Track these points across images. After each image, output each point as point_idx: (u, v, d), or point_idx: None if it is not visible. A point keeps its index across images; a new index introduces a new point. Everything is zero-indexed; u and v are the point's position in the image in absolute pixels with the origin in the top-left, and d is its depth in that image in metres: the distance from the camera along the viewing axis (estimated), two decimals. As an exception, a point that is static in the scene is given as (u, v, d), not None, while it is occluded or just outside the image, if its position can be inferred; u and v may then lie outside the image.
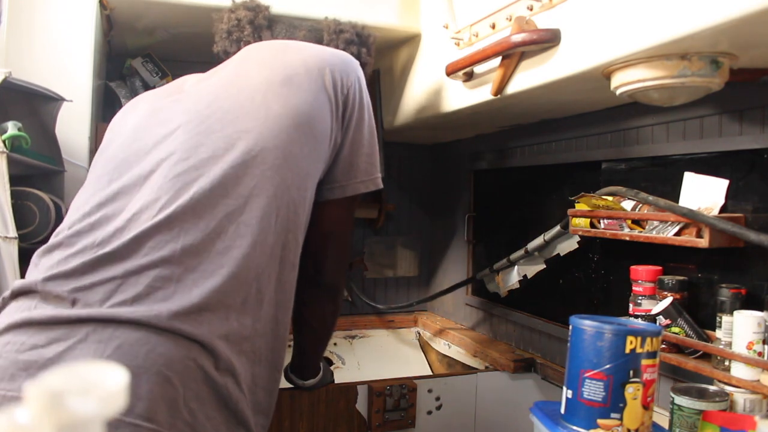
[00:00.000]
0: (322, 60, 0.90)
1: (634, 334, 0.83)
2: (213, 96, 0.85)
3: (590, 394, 0.85)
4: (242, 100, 0.83)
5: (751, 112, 0.99)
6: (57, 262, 0.73)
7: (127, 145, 0.84)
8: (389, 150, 1.69)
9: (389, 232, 2.08)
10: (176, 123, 0.82)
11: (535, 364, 1.45)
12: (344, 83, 0.90)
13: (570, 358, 0.89)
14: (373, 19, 1.41)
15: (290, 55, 0.90)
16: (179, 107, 0.85)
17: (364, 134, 0.93)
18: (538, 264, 1.51)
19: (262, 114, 0.81)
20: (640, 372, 0.83)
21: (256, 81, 0.85)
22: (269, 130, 0.80)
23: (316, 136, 0.85)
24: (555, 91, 1.06)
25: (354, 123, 0.91)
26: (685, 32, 0.74)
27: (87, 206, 0.78)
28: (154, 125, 0.84)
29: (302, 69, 0.87)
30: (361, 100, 0.92)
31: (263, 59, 0.91)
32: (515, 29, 1.00)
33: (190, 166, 0.77)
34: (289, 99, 0.83)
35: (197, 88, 0.89)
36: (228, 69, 0.92)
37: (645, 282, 1.11)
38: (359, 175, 0.94)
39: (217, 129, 0.80)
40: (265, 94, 0.83)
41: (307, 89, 0.85)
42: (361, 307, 2.02)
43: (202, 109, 0.83)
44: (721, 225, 0.93)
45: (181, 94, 0.89)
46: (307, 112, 0.84)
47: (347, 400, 1.29)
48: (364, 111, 0.93)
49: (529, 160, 1.56)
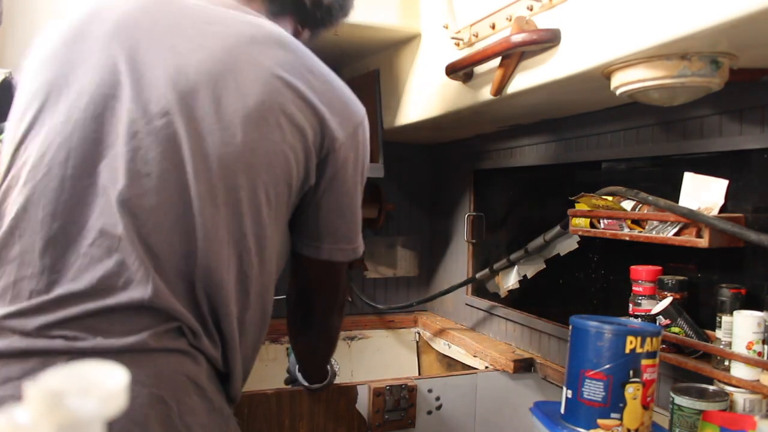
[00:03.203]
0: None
1: (634, 334, 0.83)
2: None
3: (590, 394, 0.85)
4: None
5: (751, 112, 0.99)
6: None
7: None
8: (389, 150, 1.69)
9: (389, 232, 2.08)
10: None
11: (535, 364, 1.45)
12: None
13: (570, 358, 0.89)
14: (373, 19, 1.41)
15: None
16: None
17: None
18: (538, 264, 1.51)
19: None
20: (640, 372, 0.83)
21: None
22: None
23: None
24: (555, 91, 1.06)
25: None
26: (685, 32, 0.74)
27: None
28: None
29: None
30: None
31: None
32: (515, 29, 1.00)
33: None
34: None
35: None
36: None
37: (645, 282, 1.11)
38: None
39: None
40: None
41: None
42: (361, 307, 2.02)
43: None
44: (721, 225, 0.93)
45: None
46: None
47: (347, 400, 1.29)
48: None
49: (529, 160, 1.56)
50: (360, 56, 1.72)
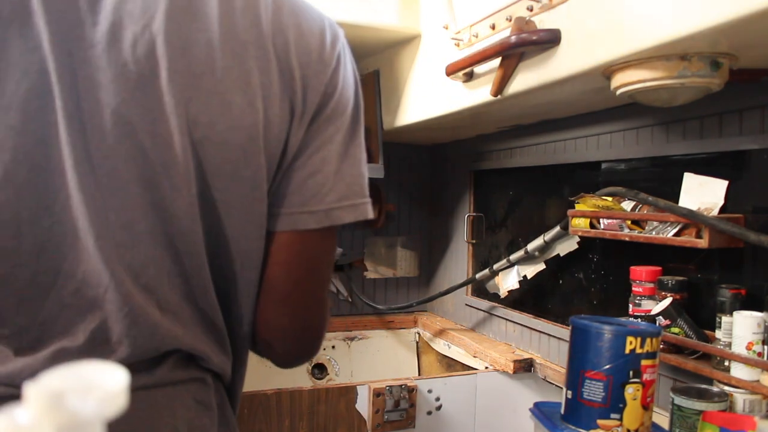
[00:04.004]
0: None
1: (634, 335, 0.83)
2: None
3: (590, 395, 0.85)
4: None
5: (751, 112, 0.99)
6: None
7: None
8: (389, 150, 1.69)
9: (389, 232, 2.08)
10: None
11: (534, 364, 1.45)
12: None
13: (570, 358, 0.89)
14: (373, 19, 1.41)
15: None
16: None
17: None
18: (538, 264, 1.52)
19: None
20: (640, 372, 0.83)
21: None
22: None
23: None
24: (555, 91, 1.06)
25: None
26: (685, 32, 0.74)
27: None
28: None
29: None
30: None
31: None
32: (515, 30, 1.00)
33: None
34: None
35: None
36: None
37: (645, 282, 1.11)
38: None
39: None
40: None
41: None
42: (361, 307, 2.02)
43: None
44: (721, 225, 0.93)
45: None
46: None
47: (347, 400, 1.29)
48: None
49: (529, 160, 1.56)
50: (360, 56, 1.72)
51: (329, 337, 1.95)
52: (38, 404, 0.21)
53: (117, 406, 0.23)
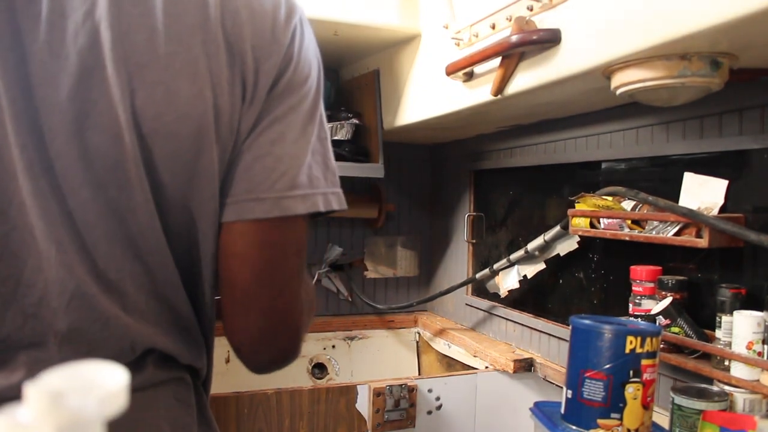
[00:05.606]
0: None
1: (634, 334, 0.83)
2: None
3: (590, 394, 0.85)
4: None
5: (751, 112, 0.99)
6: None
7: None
8: (389, 150, 1.69)
9: (389, 232, 2.08)
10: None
11: (534, 364, 1.45)
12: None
13: (570, 358, 0.89)
14: (373, 19, 1.41)
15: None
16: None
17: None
18: (538, 264, 1.52)
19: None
20: (640, 372, 0.83)
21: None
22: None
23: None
24: (555, 90, 1.06)
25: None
26: (685, 32, 0.74)
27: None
28: None
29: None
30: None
31: None
32: (515, 29, 1.00)
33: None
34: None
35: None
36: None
37: (645, 282, 1.11)
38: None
39: None
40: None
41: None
42: (361, 307, 2.02)
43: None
44: (721, 225, 0.93)
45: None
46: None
47: (347, 400, 1.29)
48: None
49: (529, 160, 1.56)
50: (360, 56, 1.72)
51: (329, 336, 1.95)
52: (39, 404, 0.21)
53: (117, 406, 0.23)
